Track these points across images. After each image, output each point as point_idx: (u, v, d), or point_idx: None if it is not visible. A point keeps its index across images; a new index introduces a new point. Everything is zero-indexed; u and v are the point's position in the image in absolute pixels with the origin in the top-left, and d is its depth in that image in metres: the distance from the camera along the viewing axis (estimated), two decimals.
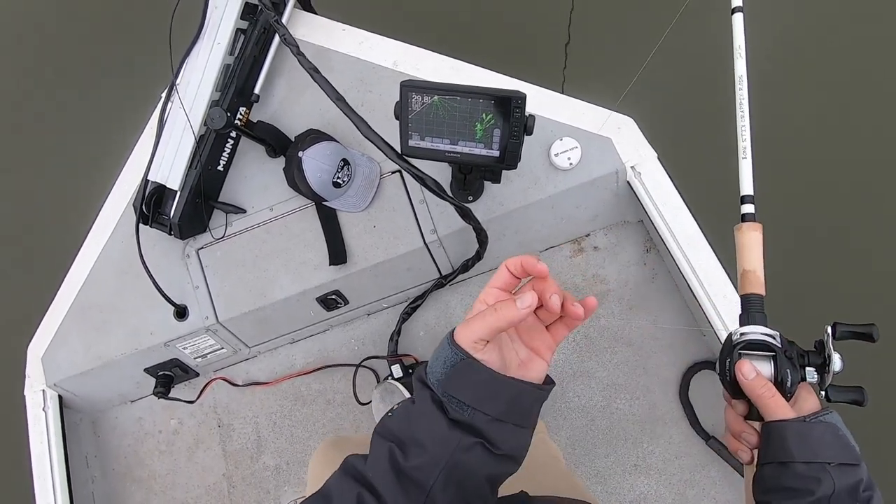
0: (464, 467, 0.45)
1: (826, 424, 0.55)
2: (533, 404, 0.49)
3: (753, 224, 0.60)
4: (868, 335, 0.57)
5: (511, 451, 0.47)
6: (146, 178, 1.35)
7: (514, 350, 0.50)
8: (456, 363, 0.46)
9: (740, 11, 0.64)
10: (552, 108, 1.40)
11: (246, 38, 1.39)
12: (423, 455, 0.44)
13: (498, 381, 0.46)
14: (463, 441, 0.44)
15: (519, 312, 0.45)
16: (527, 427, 0.49)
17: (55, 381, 1.54)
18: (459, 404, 0.45)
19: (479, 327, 0.46)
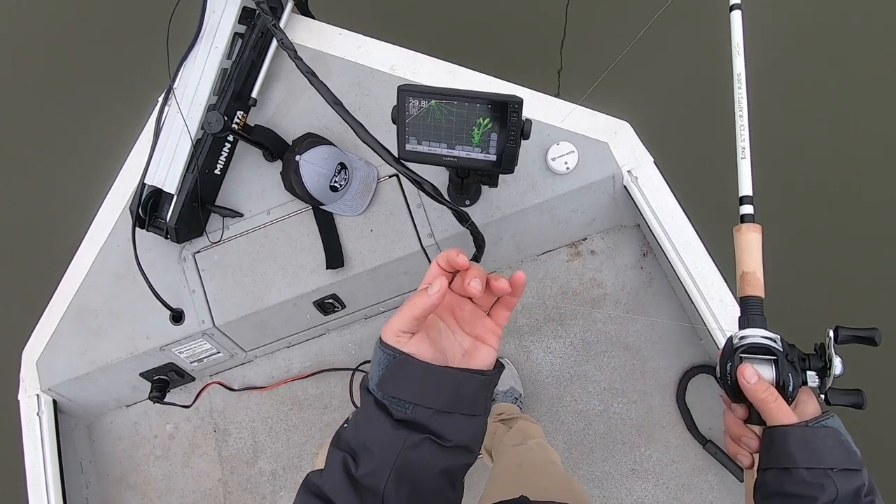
0: (414, 465, 0.44)
1: (828, 429, 0.54)
2: (478, 391, 0.48)
3: (753, 225, 0.59)
4: (870, 339, 0.57)
5: (462, 442, 0.47)
6: (143, 182, 1.35)
7: (456, 341, 0.50)
8: (389, 363, 0.45)
9: (738, 8, 0.64)
10: (549, 112, 1.41)
11: (243, 42, 1.39)
12: (372, 460, 0.44)
13: (435, 374, 0.46)
14: (409, 439, 0.44)
15: (430, 299, 0.45)
16: (477, 415, 0.48)
17: (50, 386, 1.52)
18: (400, 403, 0.45)
19: (397, 320, 0.46)
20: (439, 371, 0.46)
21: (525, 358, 1.57)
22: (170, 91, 1.34)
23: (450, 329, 0.50)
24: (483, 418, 0.49)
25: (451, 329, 0.50)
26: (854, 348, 0.61)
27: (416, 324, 0.46)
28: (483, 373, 0.48)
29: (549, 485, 1.01)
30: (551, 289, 1.59)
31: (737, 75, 0.60)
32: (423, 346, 0.47)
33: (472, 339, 0.50)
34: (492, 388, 0.50)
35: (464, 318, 0.50)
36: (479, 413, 0.48)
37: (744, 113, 0.58)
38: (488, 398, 0.50)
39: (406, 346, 0.46)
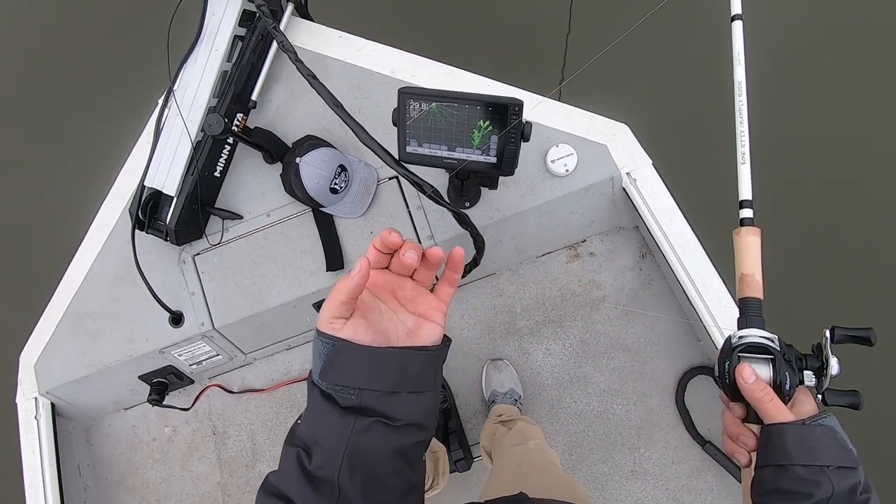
0: (365, 450, 0.44)
1: (824, 427, 0.55)
2: (423, 368, 0.47)
3: (752, 228, 0.60)
4: (866, 339, 0.57)
5: (413, 420, 0.46)
6: (142, 184, 1.34)
7: (400, 321, 0.49)
8: (328, 351, 0.45)
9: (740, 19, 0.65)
10: (548, 115, 1.41)
11: (244, 44, 1.40)
12: (323, 452, 0.44)
13: (376, 356, 0.45)
14: (357, 425, 0.44)
15: (353, 280, 0.45)
16: (425, 391, 0.48)
17: (48, 389, 1.52)
18: (345, 389, 0.45)
19: (327, 307, 0.46)
20: (380, 353, 0.46)
21: (525, 360, 1.57)
22: (170, 93, 1.34)
23: (392, 310, 0.50)
24: (433, 393, 0.49)
25: (393, 310, 0.50)
26: (850, 349, 0.61)
27: (345, 308, 0.46)
28: (427, 349, 0.48)
29: (548, 484, 1.01)
30: (551, 291, 1.60)
31: (737, 83, 0.61)
32: (360, 330, 0.46)
33: (416, 317, 0.50)
34: (439, 363, 0.50)
35: (406, 297, 0.50)
36: (427, 389, 0.48)
37: (744, 119, 0.59)
38: (437, 373, 0.50)
39: (341, 331, 0.46)
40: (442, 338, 0.50)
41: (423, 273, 0.50)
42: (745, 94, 0.60)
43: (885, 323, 0.67)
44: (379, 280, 0.49)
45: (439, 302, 0.51)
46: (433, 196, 1.17)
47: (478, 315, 1.61)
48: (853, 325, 0.58)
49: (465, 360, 1.59)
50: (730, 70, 0.64)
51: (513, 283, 1.61)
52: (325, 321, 0.46)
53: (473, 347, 1.60)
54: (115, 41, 2.33)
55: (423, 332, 0.49)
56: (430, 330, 0.49)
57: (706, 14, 2.00)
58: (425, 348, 0.48)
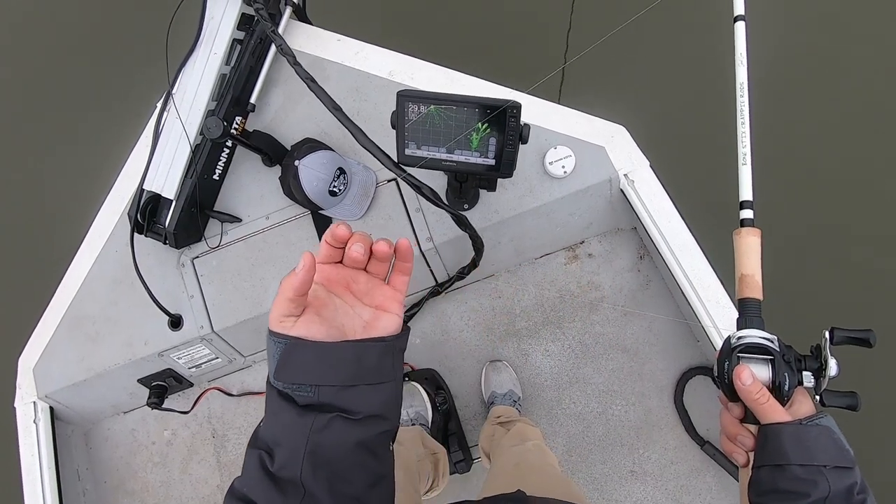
0: (326, 446, 0.44)
1: (821, 428, 0.55)
2: (381, 359, 0.47)
3: (752, 229, 0.60)
4: (865, 340, 0.58)
5: (373, 411, 0.46)
6: (141, 188, 1.34)
7: (356, 315, 0.49)
8: (282, 350, 0.45)
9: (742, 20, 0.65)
10: (546, 117, 1.42)
11: (242, 48, 1.40)
12: (284, 452, 0.44)
13: (330, 351, 0.45)
14: (317, 422, 0.44)
15: (297, 277, 0.44)
16: (385, 382, 0.47)
17: (46, 393, 1.52)
18: (301, 388, 0.44)
19: (275, 306, 0.46)
20: (334, 347, 0.45)
21: (524, 361, 1.58)
22: (169, 96, 1.34)
23: (347, 304, 0.49)
24: (393, 384, 0.48)
25: (348, 303, 0.49)
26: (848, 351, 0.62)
27: (294, 306, 0.45)
28: (383, 339, 0.48)
29: (546, 484, 1.01)
30: (549, 292, 1.60)
31: (739, 84, 0.61)
32: (313, 327, 0.46)
33: (373, 309, 0.49)
34: (398, 353, 0.50)
35: (360, 290, 0.50)
36: (386, 380, 0.47)
37: (745, 120, 0.59)
38: (396, 363, 0.49)
39: (293, 329, 0.45)
40: (401, 327, 0.50)
41: (377, 265, 0.50)
42: (748, 94, 0.60)
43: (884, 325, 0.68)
44: (332, 275, 0.49)
45: (394, 292, 0.50)
46: (432, 198, 1.18)
47: (477, 316, 1.62)
48: (852, 327, 0.58)
49: (464, 362, 1.60)
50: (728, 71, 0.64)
51: (511, 284, 1.62)
52: (276, 320, 0.46)
53: (472, 349, 1.60)
54: (113, 44, 2.32)
55: (380, 324, 0.49)
56: (388, 321, 0.49)
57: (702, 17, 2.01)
58: (381, 339, 0.48)
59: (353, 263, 0.49)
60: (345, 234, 0.46)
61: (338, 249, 0.48)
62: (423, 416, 1.46)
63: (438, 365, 1.60)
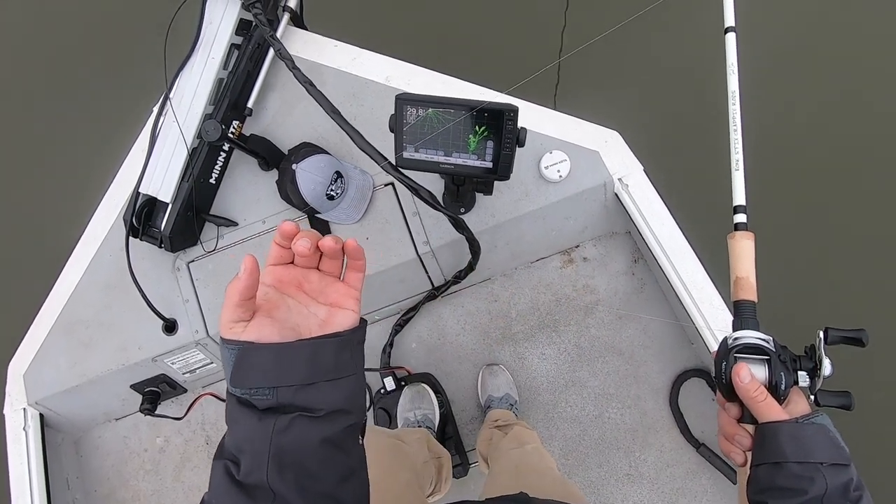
0: (290, 447, 0.44)
1: (817, 426, 0.56)
2: (338, 354, 0.47)
3: (746, 233, 0.62)
4: (858, 340, 0.59)
5: (335, 406, 0.46)
6: (137, 191, 1.34)
7: (311, 313, 0.49)
8: (235, 357, 0.45)
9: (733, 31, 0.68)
10: (541, 122, 1.44)
11: (240, 53, 1.40)
12: (248, 458, 0.44)
13: (284, 351, 0.45)
14: (278, 423, 0.44)
15: (240, 282, 0.45)
16: (345, 376, 0.47)
17: (37, 399, 1.49)
18: (259, 391, 0.44)
19: (224, 312, 0.46)
20: (287, 347, 0.45)
21: (520, 365, 1.58)
22: (166, 100, 1.34)
23: (301, 303, 0.49)
24: (354, 377, 0.49)
25: (303, 303, 0.49)
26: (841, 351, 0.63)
27: (242, 311, 0.45)
28: (338, 334, 0.48)
29: (546, 485, 1.01)
30: (545, 295, 1.61)
31: (731, 93, 0.63)
32: (265, 330, 0.45)
33: (328, 307, 0.50)
34: (355, 346, 0.50)
35: (313, 288, 0.50)
36: (346, 374, 0.47)
37: (738, 127, 0.61)
38: (355, 357, 0.49)
39: (244, 334, 0.45)
40: (357, 322, 0.50)
41: (329, 263, 0.50)
42: (739, 103, 0.62)
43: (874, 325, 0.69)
44: (283, 276, 0.49)
45: (349, 288, 0.50)
46: (429, 200, 1.18)
47: (473, 320, 1.62)
48: (844, 327, 0.59)
49: (460, 366, 1.60)
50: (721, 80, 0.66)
51: (507, 288, 1.63)
52: (226, 327, 0.45)
53: (469, 353, 1.60)
54: (108, 50, 2.31)
55: (335, 321, 0.49)
56: (343, 317, 0.49)
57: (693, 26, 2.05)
58: (337, 334, 0.48)
59: (301, 260, 0.49)
60: (291, 229, 0.46)
61: (288, 250, 0.48)
62: (430, 419, 1.46)
63: (435, 369, 1.60)
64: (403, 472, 1.04)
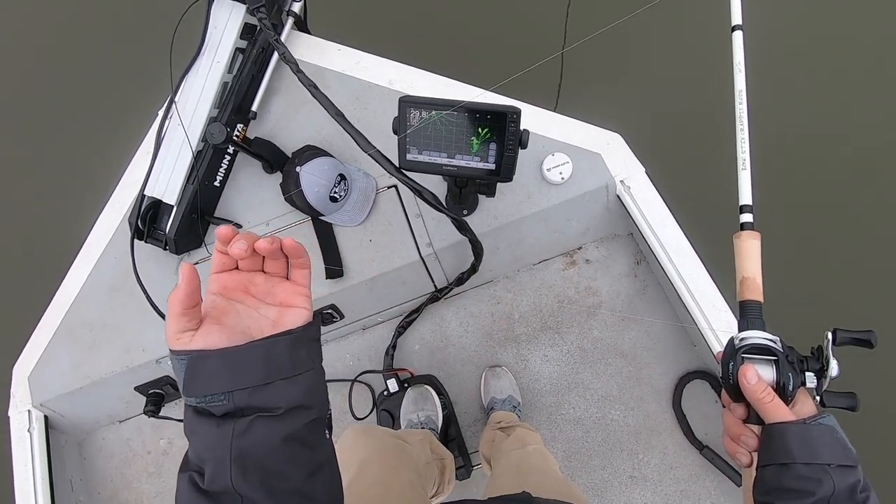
0: (251, 449, 0.44)
1: (825, 427, 0.56)
2: (292, 351, 0.47)
3: (752, 233, 0.62)
4: (867, 341, 0.59)
5: (295, 403, 0.46)
6: (142, 193, 1.34)
7: (262, 316, 0.49)
8: (186, 366, 0.45)
9: (740, 29, 0.68)
10: (543, 124, 1.44)
11: (245, 57, 1.41)
12: (211, 466, 0.44)
13: (234, 354, 0.45)
14: (237, 427, 0.44)
15: (179, 291, 0.45)
16: (301, 372, 0.47)
17: (41, 401, 1.50)
18: (214, 398, 0.44)
19: (168, 324, 0.46)
20: (238, 350, 0.45)
21: (523, 367, 1.58)
22: (171, 103, 1.35)
23: (251, 307, 0.49)
24: (312, 373, 0.49)
25: (252, 307, 0.49)
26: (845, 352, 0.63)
27: (186, 320, 0.45)
28: (290, 332, 0.48)
29: (548, 486, 1.01)
30: (548, 297, 1.61)
31: (738, 91, 0.63)
32: (212, 337, 0.45)
33: (277, 307, 0.50)
34: (310, 342, 0.50)
35: (260, 291, 0.50)
36: (302, 370, 0.47)
37: (744, 127, 0.61)
38: (311, 352, 0.49)
39: (192, 343, 0.45)
40: (310, 319, 0.50)
41: (273, 264, 0.50)
42: (746, 101, 0.62)
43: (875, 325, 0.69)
44: (228, 282, 0.49)
45: (296, 286, 0.50)
46: (433, 202, 1.19)
47: (476, 322, 1.62)
48: (852, 328, 0.59)
49: (463, 368, 1.60)
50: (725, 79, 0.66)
51: (510, 290, 1.63)
52: (172, 338, 0.45)
53: (472, 355, 1.61)
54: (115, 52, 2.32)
55: (287, 320, 0.49)
56: (294, 315, 0.49)
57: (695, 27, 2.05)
58: (288, 332, 0.48)
59: (244, 264, 0.49)
60: (227, 233, 0.46)
61: (230, 256, 0.48)
62: (433, 421, 1.46)
63: (438, 371, 1.60)
64: (406, 472, 1.04)
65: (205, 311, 0.47)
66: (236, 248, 0.46)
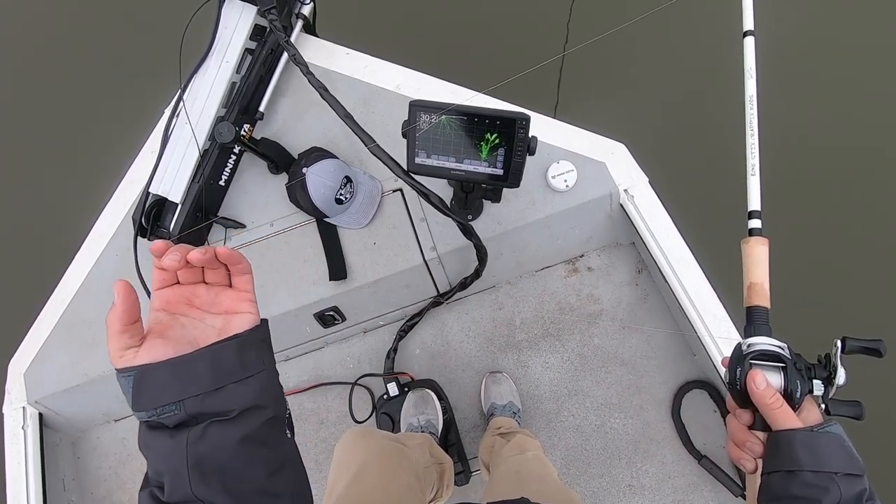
0: (208, 454, 0.44)
1: (832, 435, 0.56)
2: (240, 355, 0.47)
3: (761, 238, 0.62)
4: (876, 350, 0.59)
5: (248, 404, 0.46)
6: (147, 191, 1.34)
7: (208, 325, 0.49)
8: (133, 383, 0.44)
9: (751, 34, 0.69)
10: (549, 132, 1.45)
11: (254, 57, 1.42)
12: (169, 478, 0.44)
13: (181, 363, 0.45)
14: (191, 435, 0.44)
15: (115, 309, 0.45)
16: (252, 374, 0.47)
17: (37, 399, 1.48)
18: (166, 409, 0.44)
19: (109, 343, 0.46)
20: (185, 359, 0.45)
21: (523, 373, 1.58)
22: (179, 102, 1.35)
23: (196, 318, 0.49)
24: (264, 373, 0.49)
25: (197, 318, 0.49)
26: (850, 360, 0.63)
27: (127, 337, 0.45)
28: (237, 336, 0.48)
29: (547, 491, 1.01)
30: (549, 304, 1.61)
31: (749, 97, 0.64)
32: (157, 350, 0.45)
33: (223, 315, 0.50)
34: (259, 344, 0.50)
35: (203, 302, 0.50)
36: (254, 372, 0.47)
37: (755, 132, 0.62)
38: (261, 353, 0.50)
39: (136, 359, 0.45)
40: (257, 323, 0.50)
41: (211, 274, 0.50)
42: (756, 107, 0.63)
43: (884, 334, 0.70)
44: (170, 297, 0.49)
45: (239, 293, 0.50)
46: (439, 206, 1.19)
47: (477, 327, 1.62)
48: (860, 336, 0.60)
49: (464, 373, 1.60)
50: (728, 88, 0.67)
51: (512, 296, 1.63)
52: (116, 357, 0.45)
53: (472, 360, 1.60)
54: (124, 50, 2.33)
55: (233, 326, 0.49)
56: (240, 321, 0.49)
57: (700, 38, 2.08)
58: (235, 336, 0.48)
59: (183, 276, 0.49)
60: (160, 247, 0.47)
61: (170, 272, 0.48)
62: (433, 425, 1.45)
63: (438, 375, 1.60)
64: (405, 476, 1.04)
65: (149, 327, 0.47)
66: (168, 260, 0.46)
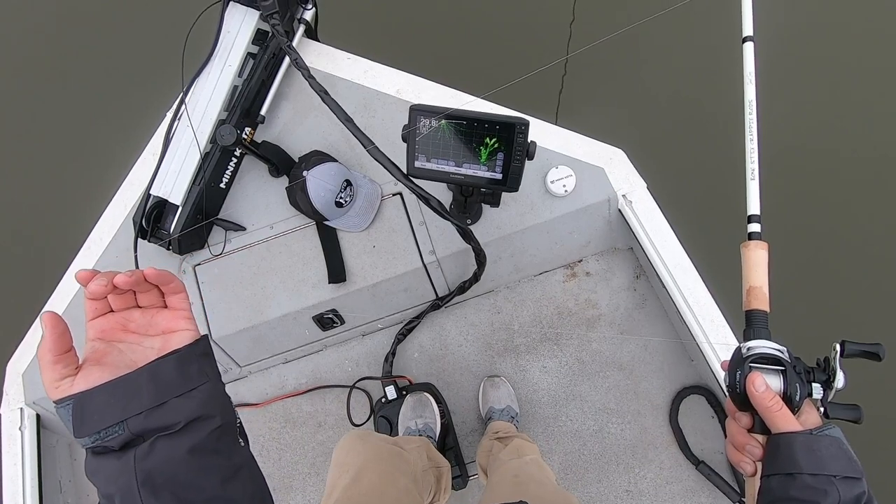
0: (158, 468, 0.44)
1: (831, 438, 0.56)
2: (181, 369, 0.47)
3: (760, 242, 0.62)
4: (875, 354, 0.59)
5: (193, 415, 0.46)
6: (148, 193, 1.35)
7: (146, 348, 0.49)
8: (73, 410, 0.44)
9: (751, 40, 0.70)
10: (548, 137, 1.46)
11: (255, 62, 1.43)
12: (118, 498, 0.44)
13: (119, 385, 0.45)
14: (138, 452, 0.44)
15: (46, 339, 0.45)
16: (196, 386, 0.47)
17: (35, 399, 1.48)
18: (109, 431, 0.44)
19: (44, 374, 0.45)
20: (123, 379, 0.45)
21: (522, 377, 1.58)
22: (181, 104, 1.36)
23: (133, 343, 0.49)
24: (207, 385, 0.48)
25: (135, 342, 0.49)
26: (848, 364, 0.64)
27: (61, 367, 0.45)
28: (175, 351, 0.48)
29: (545, 495, 1.01)
30: (547, 309, 1.62)
31: (748, 102, 0.65)
32: (93, 377, 0.45)
33: (161, 336, 0.50)
34: (200, 357, 0.50)
35: (139, 325, 0.50)
36: (197, 384, 0.48)
37: (754, 137, 0.62)
38: (204, 366, 0.50)
39: (73, 388, 0.45)
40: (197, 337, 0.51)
41: (144, 297, 0.50)
42: (756, 112, 0.64)
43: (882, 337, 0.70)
44: (104, 325, 0.49)
45: (175, 311, 0.51)
46: (438, 210, 1.20)
47: (475, 332, 1.63)
48: (859, 340, 0.60)
49: (462, 377, 1.60)
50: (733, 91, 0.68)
51: (510, 300, 1.64)
52: (52, 388, 0.45)
53: (471, 364, 1.61)
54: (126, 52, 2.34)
55: (172, 345, 0.49)
56: (179, 338, 0.49)
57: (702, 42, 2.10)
58: (173, 351, 0.48)
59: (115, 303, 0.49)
60: (85, 275, 0.46)
61: (102, 301, 0.48)
62: (431, 429, 1.45)
63: (436, 379, 1.60)
64: (403, 479, 1.03)
65: (84, 357, 0.47)
66: (94, 286, 0.45)
